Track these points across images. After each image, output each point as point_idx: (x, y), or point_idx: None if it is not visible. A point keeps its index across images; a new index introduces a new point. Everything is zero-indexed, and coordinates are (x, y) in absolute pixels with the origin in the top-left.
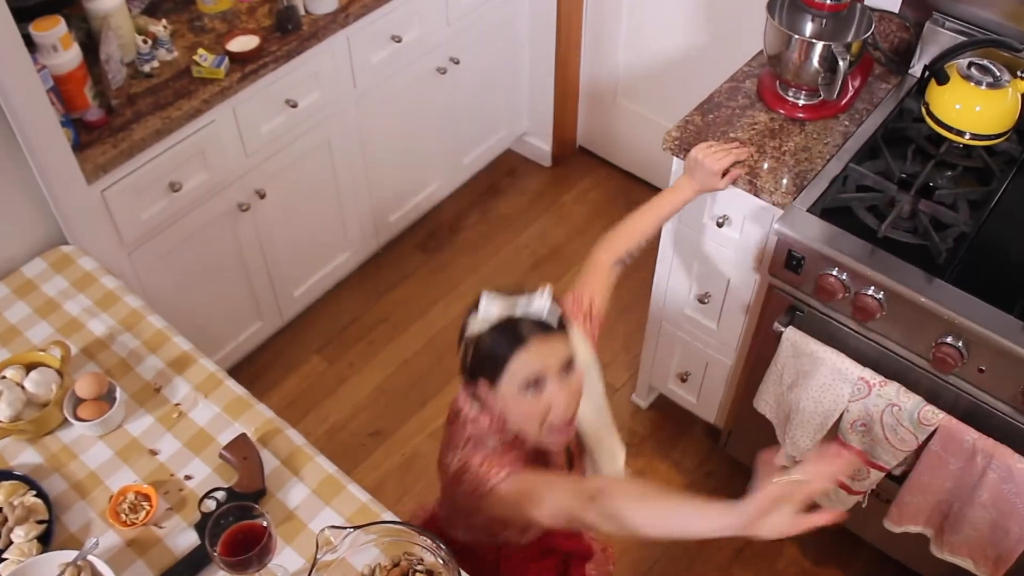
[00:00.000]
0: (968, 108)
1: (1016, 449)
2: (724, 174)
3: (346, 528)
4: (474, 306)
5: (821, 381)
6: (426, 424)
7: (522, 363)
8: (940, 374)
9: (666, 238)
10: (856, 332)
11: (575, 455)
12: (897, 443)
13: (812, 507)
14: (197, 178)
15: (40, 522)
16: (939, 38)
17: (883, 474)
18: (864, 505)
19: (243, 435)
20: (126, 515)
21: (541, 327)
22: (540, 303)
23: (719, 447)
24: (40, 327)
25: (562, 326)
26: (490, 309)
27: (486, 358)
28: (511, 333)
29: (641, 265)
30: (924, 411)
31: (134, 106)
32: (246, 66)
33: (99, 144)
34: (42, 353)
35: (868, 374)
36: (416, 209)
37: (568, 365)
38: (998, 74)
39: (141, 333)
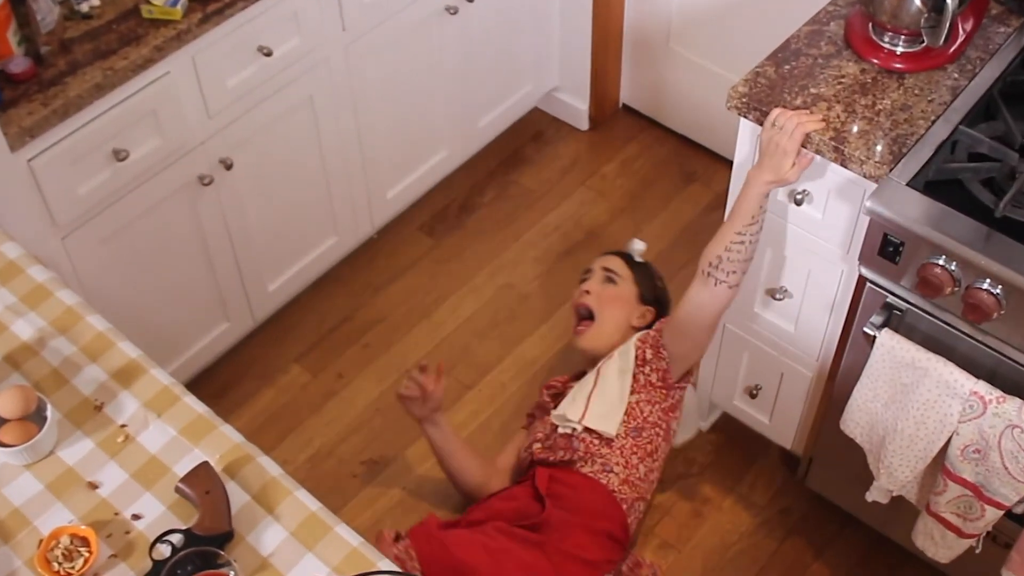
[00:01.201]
0: None
1: None
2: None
3: None
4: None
5: (924, 397)
6: None
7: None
8: None
9: None
10: (968, 336)
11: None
12: (1018, 474)
13: None
14: (148, 144)
15: None
16: None
17: (1001, 512)
18: (978, 550)
19: (205, 464)
20: (59, 563)
21: (617, 253)
22: (631, 243)
23: (797, 479)
24: None
25: (633, 263)
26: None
27: None
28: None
29: (698, 252)
30: None
31: (69, 54)
32: (208, 4)
33: (25, 102)
34: None
35: (983, 388)
36: (420, 183)
37: (612, 273)
38: None
39: (78, 337)
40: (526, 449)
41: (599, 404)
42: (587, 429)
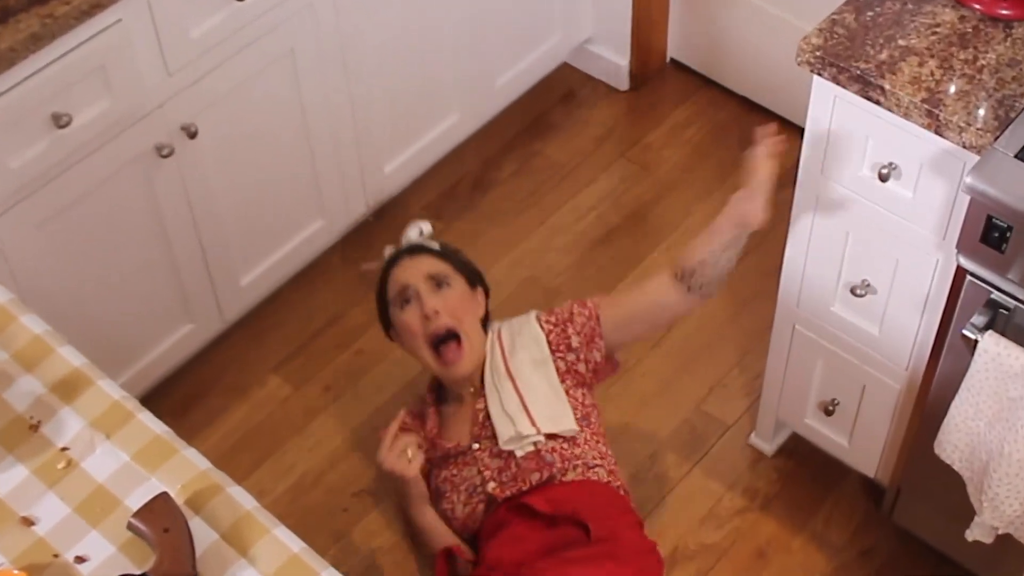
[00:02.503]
0: None
1: None
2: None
3: None
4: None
5: None
6: None
7: (392, 282)
8: None
9: (802, 198)
10: None
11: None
12: None
13: None
14: (95, 108)
15: None
16: None
17: None
18: None
19: (163, 495)
20: None
21: (409, 250)
22: (411, 231)
23: (882, 513)
24: None
25: (442, 252)
26: (386, 254)
27: (377, 299)
28: (386, 265)
29: (763, 241)
30: None
31: None
32: None
33: None
34: None
35: None
36: (424, 155)
37: (438, 278)
38: None
39: (10, 341)
40: (472, 499)
41: (540, 408)
42: (549, 436)
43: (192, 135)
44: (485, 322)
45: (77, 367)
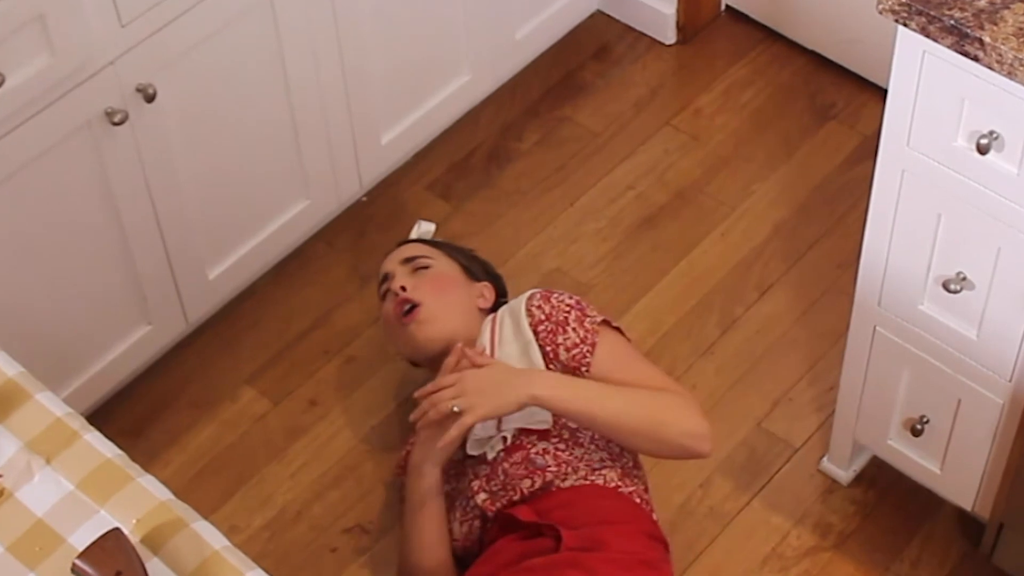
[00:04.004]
0: None
1: None
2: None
3: None
4: None
5: None
6: None
7: (379, 277)
8: None
9: (884, 175)
10: None
11: None
12: None
13: None
14: (32, 65)
15: None
16: None
17: None
18: None
19: (115, 532)
20: None
21: (398, 244)
22: (413, 230)
23: (981, 553)
24: None
25: (430, 241)
26: None
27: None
28: None
29: (836, 226)
30: None
31: None
32: None
33: None
34: None
35: None
36: (430, 123)
37: (417, 259)
38: None
39: None
40: (467, 515)
41: None
42: (525, 432)
43: (149, 98)
44: (486, 311)
45: (11, 377)
